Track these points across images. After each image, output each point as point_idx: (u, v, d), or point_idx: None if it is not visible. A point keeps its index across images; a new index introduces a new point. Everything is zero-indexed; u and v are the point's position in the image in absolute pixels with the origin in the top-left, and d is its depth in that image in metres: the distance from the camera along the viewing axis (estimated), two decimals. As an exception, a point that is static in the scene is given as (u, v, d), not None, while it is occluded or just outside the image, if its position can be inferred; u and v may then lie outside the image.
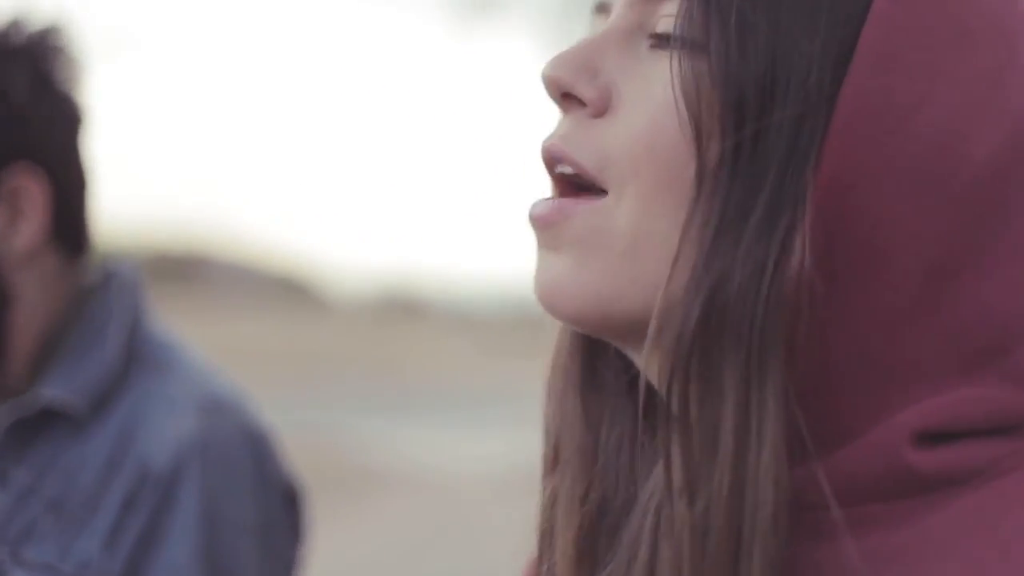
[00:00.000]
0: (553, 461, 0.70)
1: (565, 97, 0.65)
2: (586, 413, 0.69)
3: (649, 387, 0.65)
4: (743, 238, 0.60)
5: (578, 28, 0.64)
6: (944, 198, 0.61)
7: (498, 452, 9.36)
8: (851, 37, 0.62)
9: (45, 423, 1.28)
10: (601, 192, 0.63)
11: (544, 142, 0.65)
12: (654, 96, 0.63)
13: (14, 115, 1.27)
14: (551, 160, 0.65)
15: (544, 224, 0.64)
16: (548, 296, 0.65)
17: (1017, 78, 0.63)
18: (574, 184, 0.64)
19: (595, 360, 0.69)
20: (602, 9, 0.68)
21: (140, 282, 1.36)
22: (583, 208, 0.64)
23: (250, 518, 1.25)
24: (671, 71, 0.62)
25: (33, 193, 1.27)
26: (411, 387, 14.08)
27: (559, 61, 0.65)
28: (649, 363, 0.64)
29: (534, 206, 0.65)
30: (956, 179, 0.61)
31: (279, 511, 1.29)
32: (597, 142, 0.64)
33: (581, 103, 0.64)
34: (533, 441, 0.70)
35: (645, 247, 0.63)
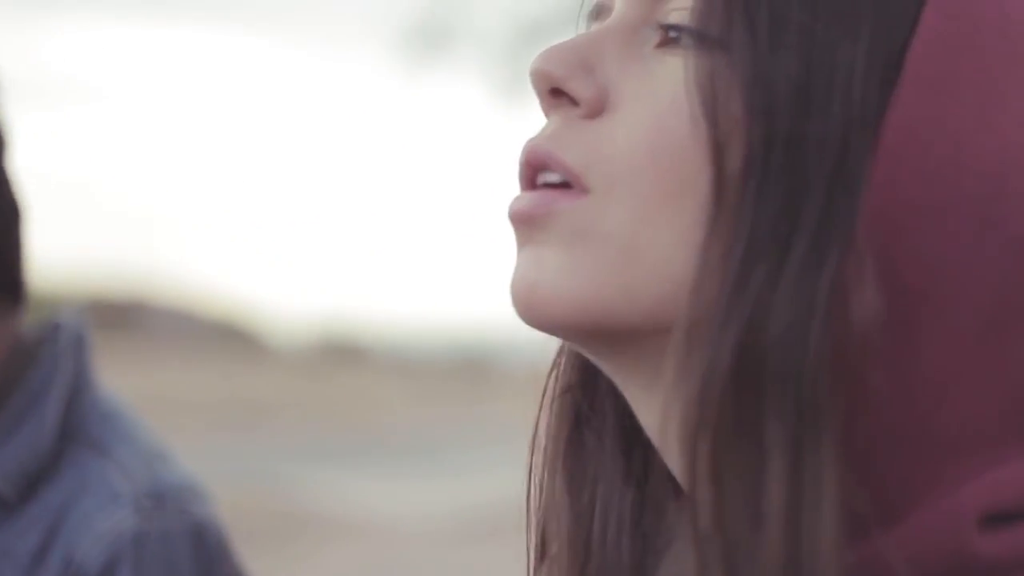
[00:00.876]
0: (541, 554, 0.62)
1: (554, 94, 0.58)
2: (573, 500, 0.61)
3: (653, 449, 0.58)
4: (784, 269, 0.53)
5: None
6: (1000, 241, 0.55)
7: (441, 499, 9.30)
8: (897, 49, 0.55)
9: None
10: (585, 192, 0.57)
11: (528, 142, 0.58)
12: (660, 97, 0.56)
13: None
14: (535, 163, 0.58)
15: (528, 219, 0.57)
16: (527, 296, 0.57)
17: None
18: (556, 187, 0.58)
19: (582, 427, 0.62)
20: (599, 14, 0.62)
21: (87, 339, 1.22)
22: (569, 204, 0.57)
23: None
24: (685, 68, 0.55)
25: None
26: (353, 434, 13.97)
27: (552, 54, 0.58)
28: (650, 408, 0.57)
29: (515, 202, 0.58)
30: (1013, 220, 0.55)
31: None
32: (589, 144, 0.57)
33: (573, 102, 0.58)
34: (475, 488, 0.68)
35: (640, 256, 0.55)
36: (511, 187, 0.60)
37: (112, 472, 1.16)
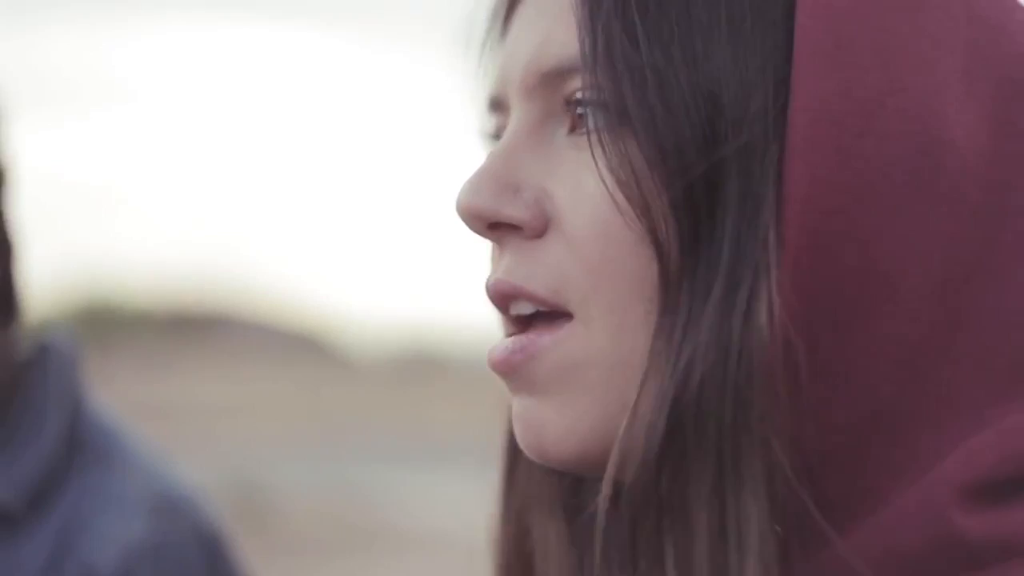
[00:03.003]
0: None
1: (493, 228, 0.56)
2: (573, 536, 0.60)
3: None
4: (702, 326, 0.51)
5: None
6: (936, 197, 0.53)
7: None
8: (786, 47, 0.53)
9: None
10: (564, 316, 0.55)
11: (487, 282, 0.57)
12: (589, 194, 0.54)
13: None
14: (504, 298, 0.56)
15: (508, 369, 0.56)
16: (535, 448, 0.56)
17: (984, 34, 0.54)
18: (531, 317, 0.56)
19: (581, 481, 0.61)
20: (497, 106, 0.60)
21: (78, 357, 1.22)
22: (547, 341, 0.55)
23: None
24: (594, 157, 0.53)
25: None
26: (432, 445, 14.01)
27: (474, 187, 0.56)
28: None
29: (492, 351, 0.56)
30: (944, 172, 0.52)
31: None
32: (548, 266, 0.55)
33: (514, 227, 0.56)
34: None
35: (626, 368, 0.54)
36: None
37: (121, 482, 1.16)
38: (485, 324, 0.58)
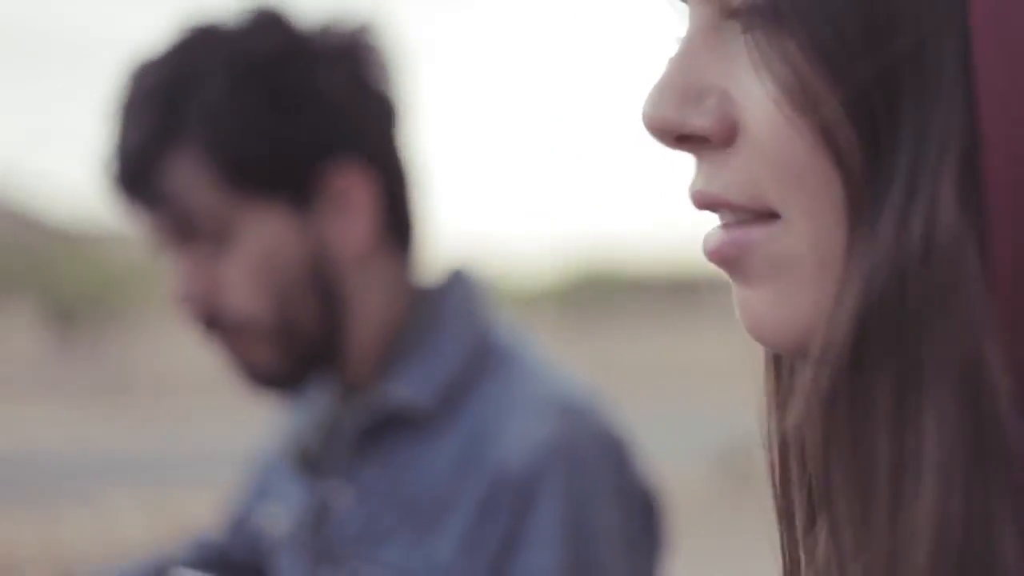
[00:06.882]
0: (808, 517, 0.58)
1: (682, 140, 0.54)
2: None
3: None
4: (888, 229, 0.49)
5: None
6: None
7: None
8: None
9: (393, 424, 1.28)
10: (771, 216, 0.53)
11: (689, 191, 0.55)
12: (763, 98, 0.51)
13: (333, 115, 1.27)
14: (708, 207, 0.55)
15: (722, 259, 0.55)
16: (756, 332, 0.55)
17: None
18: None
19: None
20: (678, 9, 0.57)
21: (483, 281, 1.34)
22: (757, 237, 0.53)
23: (614, 525, 1.19)
24: (758, 61, 0.51)
25: (360, 193, 1.28)
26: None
27: (657, 98, 0.54)
28: None
29: (706, 239, 0.55)
30: None
31: (639, 519, 1.23)
32: (741, 174, 0.53)
33: (702, 137, 0.54)
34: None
35: (828, 268, 0.52)
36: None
37: (527, 388, 1.24)
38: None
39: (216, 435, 12.55)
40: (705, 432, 9.39)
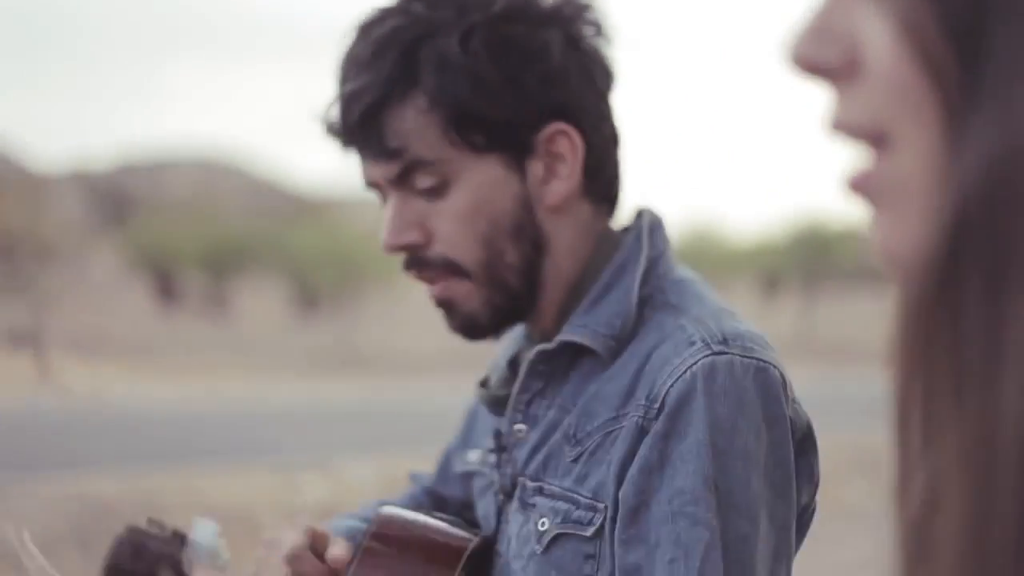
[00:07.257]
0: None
1: (817, 73, 0.59)
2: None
3: None
4: (983, 147, 0.52)
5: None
6: None
7: None
8: None
9: (566, 361, 1.35)
10: (891, 143, 0.57)
11: (830, 118, 0.60)
12: (878, 31, 0.55)
13: (552, 75, 1.32)
14: (840, 135, 0.59)
15: (855, 189, 0.59)
16: (888, 258, 0.58)
17: None
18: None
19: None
20: None
21: (661, 224, 1.40)
22: (877, 166, 0.58)
23: (757, 452, 1.22)
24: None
25: (568, 149, 1.34)
26: None
27: (798, 37, 0.58)
28: None
29: (847, 174, 0.60)
30: None
31: (788, 451, 1.25)
32: (862, 104, 0.57)
33: (834, 70, 0.58)
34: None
35: (928, 191, 0.55)
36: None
37: (686, 324, 1.29)
38: None
39: (446, 404, 12.78)
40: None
